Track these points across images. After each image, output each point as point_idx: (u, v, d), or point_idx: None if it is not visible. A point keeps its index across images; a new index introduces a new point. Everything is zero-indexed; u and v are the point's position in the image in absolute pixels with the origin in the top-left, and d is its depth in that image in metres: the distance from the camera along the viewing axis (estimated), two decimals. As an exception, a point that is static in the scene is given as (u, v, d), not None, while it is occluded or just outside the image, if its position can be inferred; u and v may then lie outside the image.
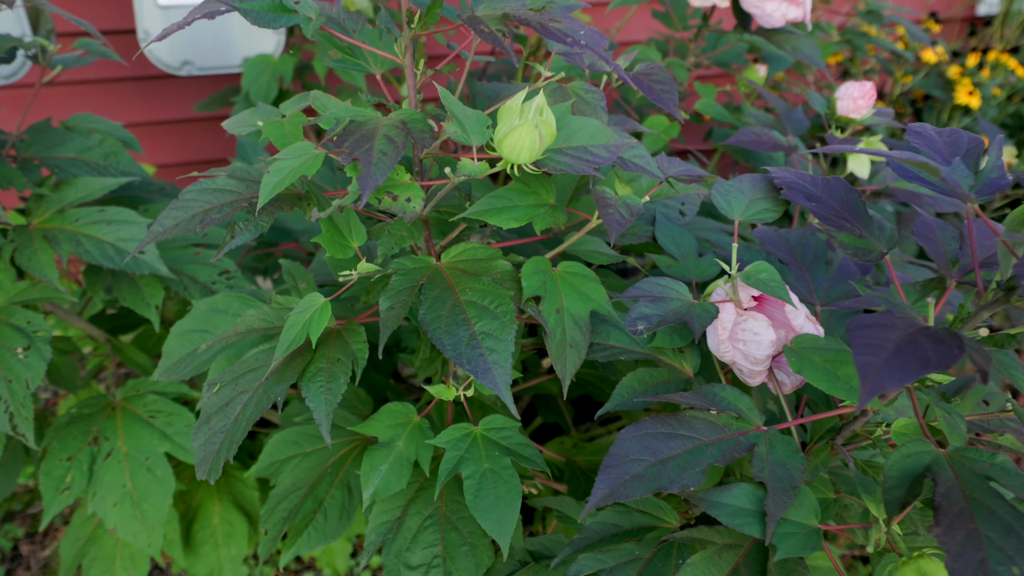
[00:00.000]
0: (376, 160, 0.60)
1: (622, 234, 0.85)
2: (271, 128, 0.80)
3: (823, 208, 0.65)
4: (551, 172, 0.63)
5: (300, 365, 0.76)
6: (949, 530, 0.48)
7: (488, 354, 0.65)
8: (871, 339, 0.47)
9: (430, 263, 0.75)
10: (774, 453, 0.60)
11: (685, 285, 0.68)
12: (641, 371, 0.71)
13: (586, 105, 0.70)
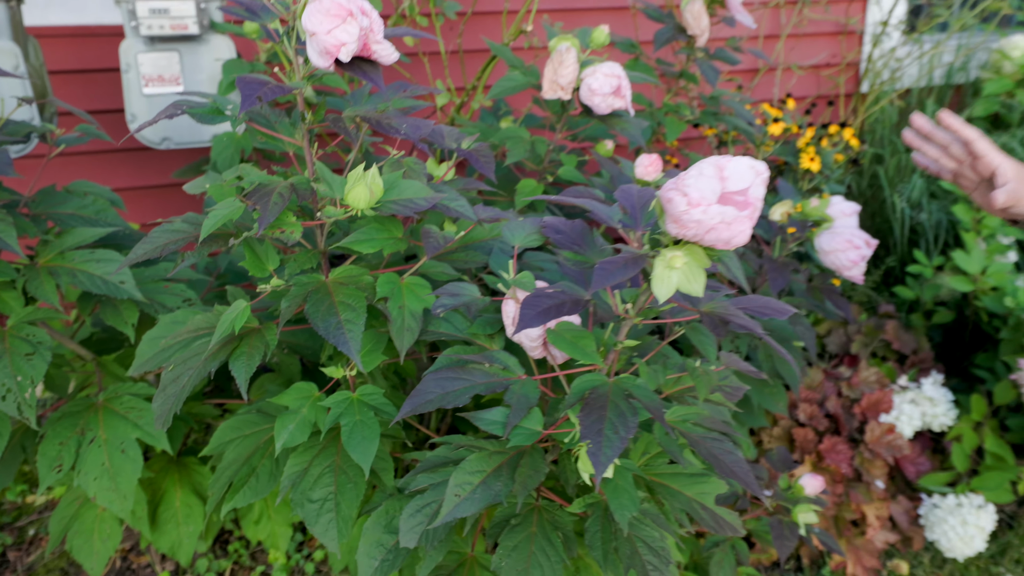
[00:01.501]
0: (270, 208, 0.96)
1: (464, 260, 1.21)
2: (214, 189, 1.16)
3: (564, 239, 1.02)
4: (385, 215, 1.00)
5: (229, 349, 1.10)
6: (587, 414, 0.83)
7: (347, 332, 1.00)
8: (544, 304, 0.84)
9: (319, 279, 1.11)
10: (522, 389, 0.95)
11: (477, 287, 1.04)
12: (458, 347, 1.07)
13: (413, 172, 1.07)
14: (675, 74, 2.03)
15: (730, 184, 0.79)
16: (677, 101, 2.09)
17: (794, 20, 2.92)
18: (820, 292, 1.70)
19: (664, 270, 0.82)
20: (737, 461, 0.96)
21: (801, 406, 2.14)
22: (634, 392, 0.89)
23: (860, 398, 2.18)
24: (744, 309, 0.98)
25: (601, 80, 1.50)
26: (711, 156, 1.43)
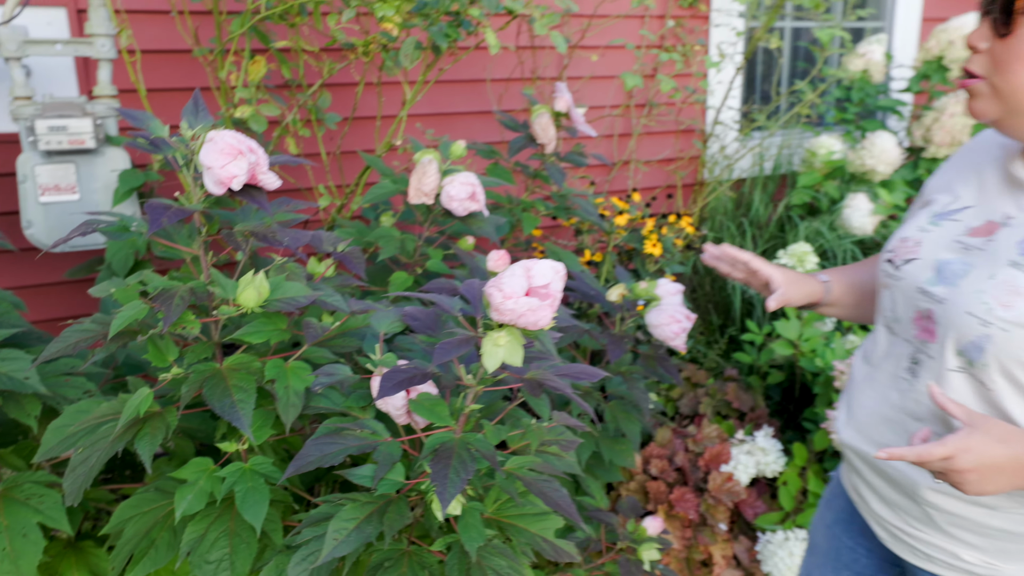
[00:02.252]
0: (173, 309, 1.16)
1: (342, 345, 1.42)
2: (120, 293, 1.35)
3: (420, 325, 1.26)
4: (271, 311, 1.21)
5: (134, 431, 1.28)
6: (436, 463, 1.06)
7: (240, 410, 1.20)
8: (398, 377, 1.07)
9: (215, 366, 1.30)
10: (387, 448, 1.17)
11: (351, 368, 1.27)
12: (336, 418, 1.28)
13: (294, 275, 1.29)
14: (531, 174, 2.34)
15: (535, 281, 1.05)
16: (535, 198, 2.40)
17: (644, 120, 3.34)
18: (653, 360, 1.99)
19: (491, 347, 1.07)
20: (563, 497, 1.20)
21: (653, 461, 2.42)
22: (475, 445, 1.12)
23: (704, 452, 2.48)
24: (564, 375, 1.24)
25: (458, 188, 1.78)
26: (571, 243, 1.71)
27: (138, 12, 2.35)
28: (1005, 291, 1.01)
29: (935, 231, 1.16)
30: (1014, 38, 1.00)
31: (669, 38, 3.32)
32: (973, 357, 1.03)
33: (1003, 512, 1.07)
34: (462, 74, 2.87)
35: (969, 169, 1.19)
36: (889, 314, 1.21)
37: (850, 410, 1.26)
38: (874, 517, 1.25)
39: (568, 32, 3.06)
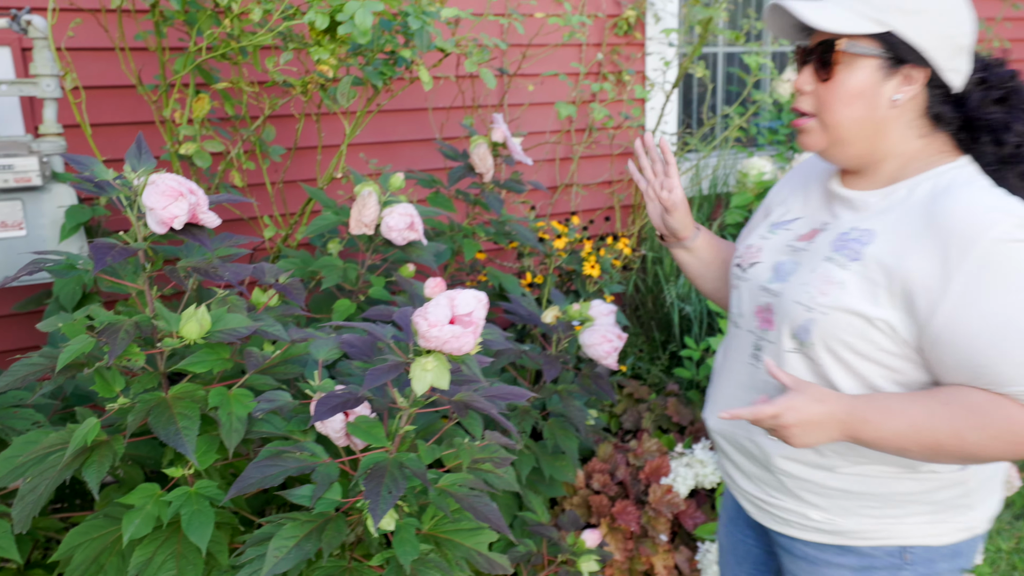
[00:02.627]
0: (119, 343, 1.23)
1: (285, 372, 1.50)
2: (67, 327, 1.40)
3: (357, 352, 1.34)
4: (214, 342, 1.28)
5: (82, 459, 1.33)
6: (370, 481, 1.14)
7: (185, 437, 1.27)
8: (333, 402, 1.14)
9: (160, 396, 1.37)
10: (325, 469, 1.25)
11: (291, 394, 1.34)
12: (278, 442, 1.35)
13: (236, 307, 1.37)
14: (472, 202, 2.44)
15: (459, 309, 1.14)
16: (476, 224, 2.50)
17: (582, 146, 3.46)
18: (589, 378, 2.09)
19: (420, 372, 1.16)
20: (493, 512, 1.29)
21: (595, 476, 2.52)
22: (407, 464, 1.21)
23: (644, 465, 2.58)
24: (492, 396, 1.33)
25: (397, 218, 1.87)
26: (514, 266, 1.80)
27: (83, 50, 2.40)
28: (823, 282, 1.19)
29: (773, 238, 1.35)
30: (834, 82, 1.18)
31: (607, 64, 3.46)
32: (803, 338, 1.21)
33: (839, 473, 1.25)
34: (405, 103, 2.96)
35: (799, 186, 1.40)
36: (735, 311, 1.39)
37: (713, 399, 1.43)
38: (742, 494, 1.41)
39: (507, 61, 3.18)
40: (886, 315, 1.14)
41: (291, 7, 1.87)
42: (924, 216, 1.13)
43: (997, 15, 4.52)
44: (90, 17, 2.33)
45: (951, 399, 1.11)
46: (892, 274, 1.13)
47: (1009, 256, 1.07)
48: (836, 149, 1.23)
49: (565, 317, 2.02)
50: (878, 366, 1.18)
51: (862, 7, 1.15)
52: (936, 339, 1.11)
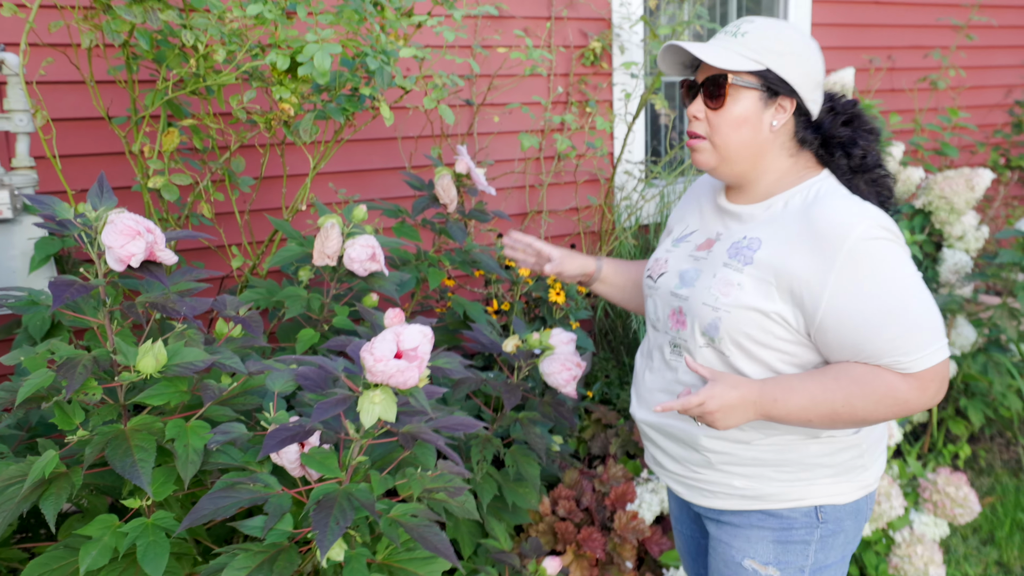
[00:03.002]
0: (76, 377, 1.26)
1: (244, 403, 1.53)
2: (29, 361, 1.44)
3: (311, 384, 1.37)
4: (171, 375, 1.32)
5: (40, 491, 1.36)
6: (318, 512, 1.18)
7: (140, 469, 1.30)
8: (284, 434, 1.18)
9: (119, 428, 1.40)
10: (278, 500, 1.28)
11: (245, 426, 1.37)
12: (234, 473, 1.38)
13: (193, 341, 1.40)
14: (438, 231, 2.49)
15: (405, 344, 1.19)
16: (442, 253, 2.55)
17: (549, 175, 3.53)
18: (549, 406, 2.14)
19: (368, 405, 1.20)
20: (441, 540, 1.33)
21: (561, 502, 2.55)
22: (356, 495, 1.24)
23: (610, 492, 2.62)
24: (442, 427, 1.37)
25: (359, 250, 1.91)
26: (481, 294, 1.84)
27: (55, 83, 2.45)
28: (723, 284, 1.38)
29: (676, 251, 1.55)
30: (724, 110, 1.39)
31: (574, 94, 3.53)
32: (712, 335, 1.39)
33: (756, 445, 1.43)
34: (375, 133, 3.02)
35: (693, 204, 1.61)
36: (652, 316, 1.57)
37: (639, 396, 1.59)
38: (671, 477, 1.57)
39: (475, 91, 3.24)
40: (778, 308, 1.34)
41: (255, 47, 1.92)
42: (800, 223, 1.35)
43: (952, 44, 4.66)
44: (61, 54, 2.38)
45: (840, 374, 1.32)
46: (780, 274, 1.33)
47: (870, 251, 1.28)
48: (724, 167, 1.43)
49: (525, 346, 2.07)
50: (776, 352, 1.38)
51: (743, 50, 1.37)
52: (821, 325, 1.32)
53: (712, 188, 1.58)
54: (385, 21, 2.00)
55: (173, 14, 1.88)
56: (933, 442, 3.52)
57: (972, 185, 3.56)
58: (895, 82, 4.59)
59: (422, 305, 2.72)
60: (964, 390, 3.54)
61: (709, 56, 1.35)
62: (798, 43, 1.38)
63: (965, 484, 2.63)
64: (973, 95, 4.88)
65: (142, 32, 1.95)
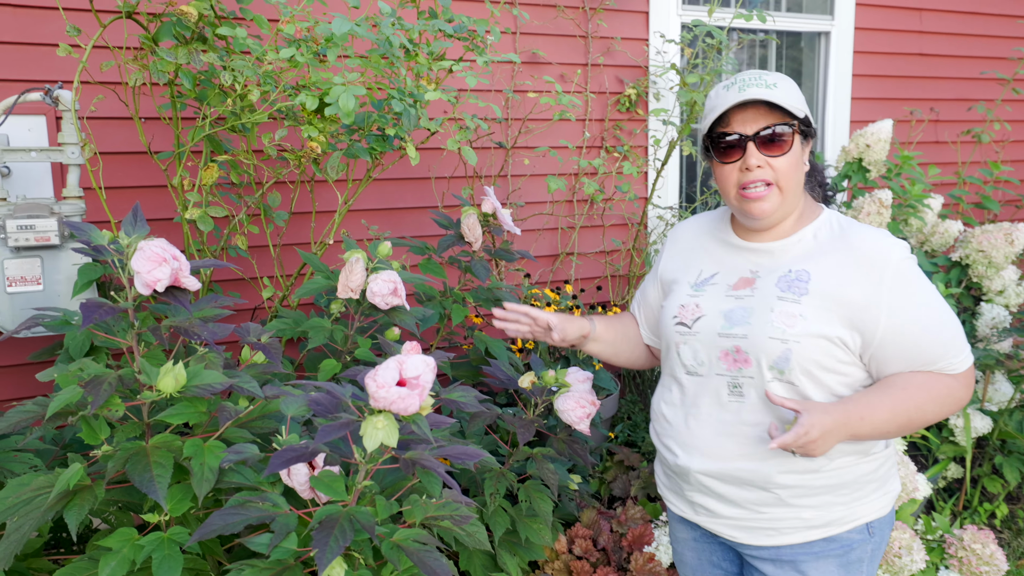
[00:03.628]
0: (101, 394, 1.34)
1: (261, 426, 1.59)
2: (61, 378, 1.52)
3: (322, 409, 1.43)
4: (190, 396, 1.39)
5: (65, 502, 1.43)
6: (319, 532, 1.22)
7: (157, 483, 1.36)
8: (289, 455, 1.24)
9: (141, 444, 1.47)
10: (284, 519, 1.33)
11: (257, 447, 1.43)
12: (246, 492, 1.44)
13: (213, 364, 1.48)
14: (463, 268, 2.55)
15: (407, 372, 1.24)
16: (467, 290, 2.61)
17: (581, 217, 3.58)
18: (565, 443, 2.16)
19: (371, 429, 1.25)
20: (441, 566, 1.36)
21: (577, 541, 2.56)
22: (358, 517, 1.29)
23: (627, 532, 2.62)
24: (448, 455, 1.41)
25: (381, 284, 1.98)
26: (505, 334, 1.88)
27: (104, 119, 2.59)
28: (786, 317, 1.44)
29: (704, 295, 1.57)
30: (788, 154, 1.47)
31: (609, 139, 3.60)
32: (782, 367, 1.44)
33: (823, 472, 1.47)
34: (408, 172, 3.11)
35: (691, 253, 1.66)
36: (691, 362, 1.56)
37: (686, 445, 1.56)
38: (727, 523, 1.55)
39: (509, 135, 3.33)
40: (839, 333, 1.42)
41: (288, 88, 2.03)
42: (842, 251, 1.46)
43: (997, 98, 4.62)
44: (111, 91, 2.52)
45: (906, 383, 1.42)
46: (837, 300, 1.42)
47: (910, 269, 1.43)
48: (782, 210, 1.50)
49: (541, 383, 2.10)
50: (837, 375, 1.45)
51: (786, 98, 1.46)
52: (883, 340, 1.41)
53: (709, 229, 1.66)
54: (417, 65, 2.09)
55: (215, 56, 2.00)
56: (968, 500, 3.44)
57: (1012, 239, 3.51)
58: (938, 134, 4.57)
59: (448, 341, 2.78)
60: (1000, 447, 3.46)
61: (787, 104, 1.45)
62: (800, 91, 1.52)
63: (992, 542, 2.57)
64: (1017, 149, 4.83)
65: (186, 72, 2.07)
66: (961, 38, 4.52)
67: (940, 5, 4.41)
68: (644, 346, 1.83)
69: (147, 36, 2.03)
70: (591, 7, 3.48)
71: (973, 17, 4.53)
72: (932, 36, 4.43)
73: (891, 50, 4.35)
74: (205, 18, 2.07)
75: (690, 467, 1.55)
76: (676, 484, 1.63)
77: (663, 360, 1.67)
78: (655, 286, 1.75)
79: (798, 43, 4.26)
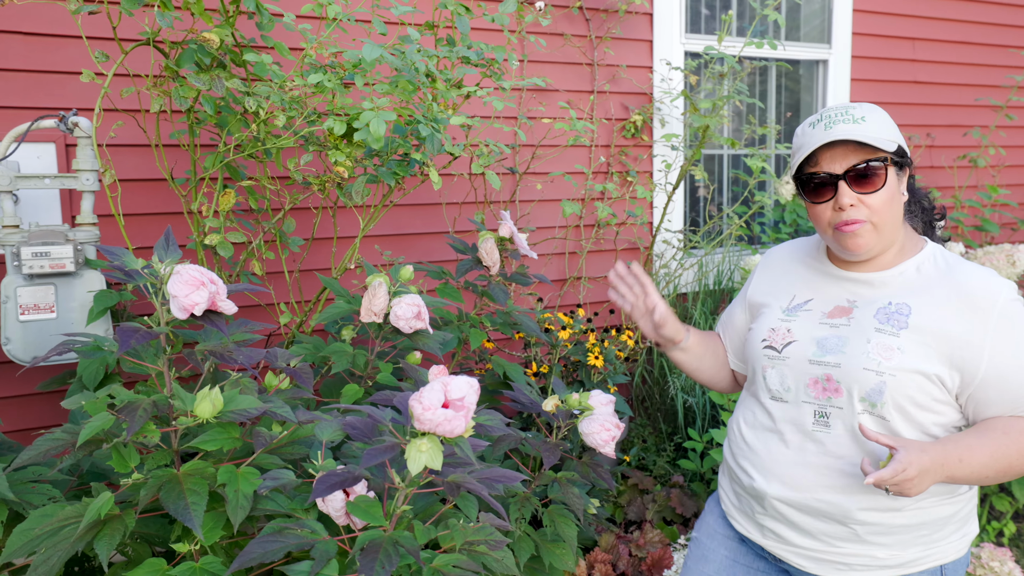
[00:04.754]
0: (137, 420, 1.32)
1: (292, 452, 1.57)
2: (90, 405, 1.50)
3: (358, 433, 1.41)
4: (225, 421, 1.37)
5: (95, 532, 1.40)
6: (365, 556, 1.20)
7: (193, 512, 1.34)
8: (332, 480, 1.22)
9: (172, 472, 1.44)
10: (324, 546, 1.31)
11: (294, 473, 1.41)
12: (281, 519, 1.41)
13: (247, 389, 1.46)
14: (480, 293, 2.55)
15: (452, 394, 1.23)
16: (483, 314, 2.60)
17: (590, 241, 3.59)
18: (587, 467, 2.14)
19: (415, 452, 1.23)
20: (483, 591, 1.34)
21: (597, 566, 2.53)
22: (401, 541, 1.27)
23: (647, 557, 2.59)
24: (485, 479, 1.39)
25: (405, 308, 1.97)
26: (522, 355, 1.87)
27: (121, 146, 2.59)
28: (883, 349, 1.40)
29: (796, 320, 1.54)
30: (884, 190, 1.43)
31: (615, 165, 3.62)
32: (875, 400, 1.40)
33: (905, 511, 1.43)
34: (420, 198, 3.11)
35: (784, 278, 1.63)
36: (777, 387, 1.53)
37: (768, 472, 1.53)
38: (797, 552, 1.52)
39: (519, 160, 3.34)
40: (937, 370, 1.38)
41: (313, 113, 2.03)
42: (947, 288, 1.42)
43: (991, 124, 4.69)
44: (129, 118, 2.52)
45: (1008, 428, 1.37)
46: (938, 337, 1.39)
47: (1015, 312, 1.38)
48: (879, 244, 1.47)
49: (565, 406, 2.09)
50: (931, 414, 1.41)
51: (876, 133, 1.42)
52: (984, 381, 1.37)
53: (802, 256, 1.63)
54: (436, 91, 2.10)
55: (237, 82, 2.00)
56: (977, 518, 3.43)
57: (1013, 260, 3.54)
58: (934, 159, 4.62)
59: (462, 366, 2.76)
60: (1011, 467, 3.45)
61: (875, 140, 1.40)
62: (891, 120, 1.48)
63: (1011, 559, 2.56)
64: (1013, 173, 4.89)
65: (207, 98, 2.07)
66: (954, 66, 4.59)
67: (933, 35, 4.49)
68: (729, 369, 1.79)
69: (168, 63, 2.03)
70: (597, 36, 3.52)
71: (965, 46, 4.61)
72: (926, 64, 4.50)
73: (887, 78, 4.41)
74: (225, 44, 2.08)
75: (767, 492, 1.52)
76: (748, 506, 1.60)
77: (748, 383, 1.65)
78: (743, 308, 1.72)
79: (797, 71, 4.32)
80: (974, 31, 4.62)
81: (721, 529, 1.72)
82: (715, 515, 1.74)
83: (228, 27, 2.01)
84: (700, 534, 1.77)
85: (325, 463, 1.40)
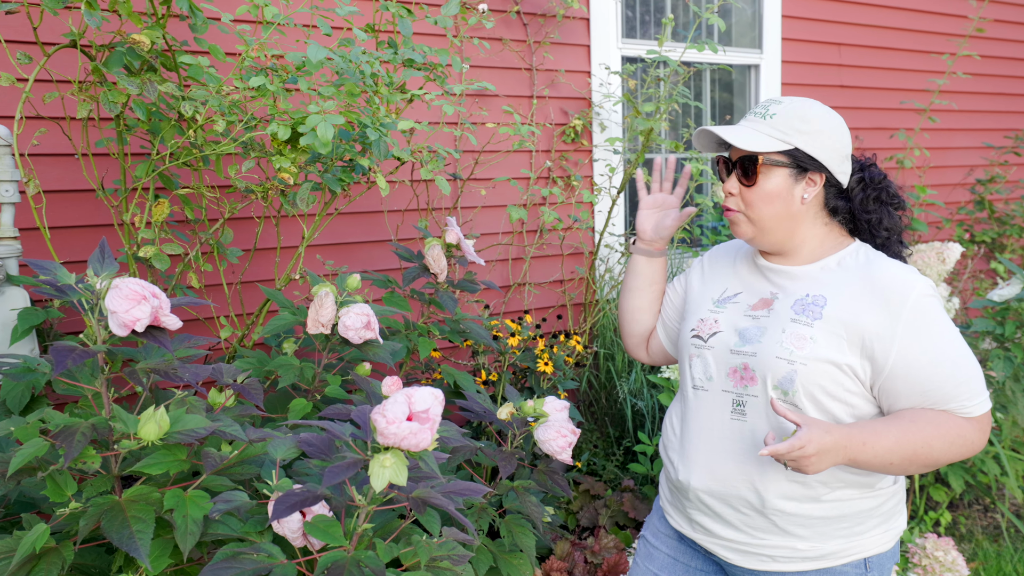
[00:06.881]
0: (75, 445, 1.23)
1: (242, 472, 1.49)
2: (20, 431, 1.39)
3: (315, 451, 1.35)
4: (171, 443, 1.29)
5: (29, 567, 1.30)
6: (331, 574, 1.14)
7: (139, 541, 1.25)
8: (291, 500, 1.15)
9: (114, 499, 1.35)
10: (282, 570, 1.24)
11: (248, 495, 1.34)
12: (234, 544, 1.34)
13: (194, 408, 1.38)
14: (427, 301, 2.49)
15: (416, 406, 1.18)
16: (431, 323, 2.54)
17: (533, 246, 3.57)
18: (544, 474, 2.11)
19: (378, 468, 1.18)
20: (450, 609, 1.29)
21: (553, 574, 2.49)
22: (364, 561, 1.21)
23: (602, 563, 2.57)
24: (448, 492, 1.35)
25: (353, 318, 1.91)
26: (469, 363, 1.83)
27: (45, 155, 2.45)
28: (796, 338, 1.45)
29: (724, 311, 1.59)
30: (756, 187, 1.49)
31: (556, 170, 3.61)
32: (787, 388, 1.44)
33: (822, 502, 1.46)
34: (361, 206, 3.04)
35: (722, 270, 1.68)
36: (700, 376, 1.57)
37: (688, 461, 1.57)
38: (722, 544, 1.55)
39: (460, 167, 3.30)
40: (849, 360, 1.42)
41: (254, 118, 1.95)
42: (863, 281, 1.45)
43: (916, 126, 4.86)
44: (54, 125, 2.39)
45: (915, 418, 1.39)
46: (850, 328, 1.42)
47: (930, 306, 1.41)
48: (761, 236, 1.53)
49: (520, 413, 2.06)
50: (843, 404, 1.45)
51: (772, 131, 1.48)
52: (892, 372, 1.40)
53: (744, 252, 1.67)
54: (381, 95, 2.05)
55: (171, 86, 1.91)
56: (915, 509, 3.52)
57: (943, 258, 3.66)
58: (861, 159, 4.76)
59: (409, 376, 2.70)
60: (946, 458, 3.56)
61: (740, 140, 1.46)
62: (824, 121, 1.48)
63: (953, 548, 2.63)
64: (937, 174, 5.07)
65: (138, 103, 1.97)
66: (879, 71, 4.74)
67: (858, 40, 4.62)
68: (654, 317, 1.82)
69: (96, 66, 1.92)
70: (536, 40, 3.51)
71: (889, 52, 4.76)
72: (851, 69, 4.63)
73: (815, 82, 4.53)
74: (156, 48, 1.98)
75: (690, 483, 1.56)
76: (678, 500, 1.63)
77: (680, 376, 1.69)
78: (682, 285, 1.77)
79: (729, 74, 4.39)
80: (897, 37, 4.78)
81: (663, 528, 1.75)
82: (659, 514, 1.78)
83: (159, 29, 1.92)
84: (647, 532, 1.79)
85: (281, 483, 1.34)
